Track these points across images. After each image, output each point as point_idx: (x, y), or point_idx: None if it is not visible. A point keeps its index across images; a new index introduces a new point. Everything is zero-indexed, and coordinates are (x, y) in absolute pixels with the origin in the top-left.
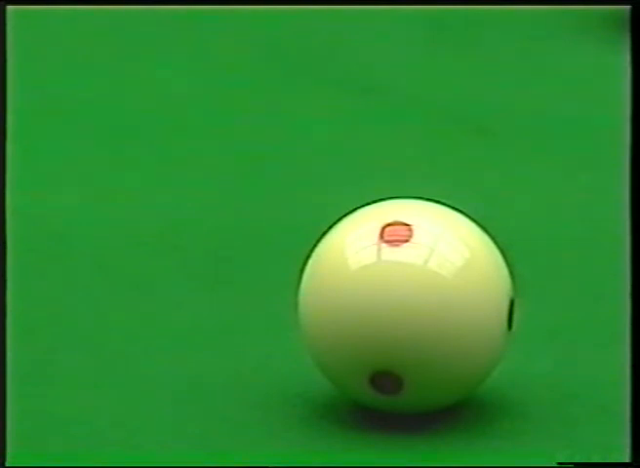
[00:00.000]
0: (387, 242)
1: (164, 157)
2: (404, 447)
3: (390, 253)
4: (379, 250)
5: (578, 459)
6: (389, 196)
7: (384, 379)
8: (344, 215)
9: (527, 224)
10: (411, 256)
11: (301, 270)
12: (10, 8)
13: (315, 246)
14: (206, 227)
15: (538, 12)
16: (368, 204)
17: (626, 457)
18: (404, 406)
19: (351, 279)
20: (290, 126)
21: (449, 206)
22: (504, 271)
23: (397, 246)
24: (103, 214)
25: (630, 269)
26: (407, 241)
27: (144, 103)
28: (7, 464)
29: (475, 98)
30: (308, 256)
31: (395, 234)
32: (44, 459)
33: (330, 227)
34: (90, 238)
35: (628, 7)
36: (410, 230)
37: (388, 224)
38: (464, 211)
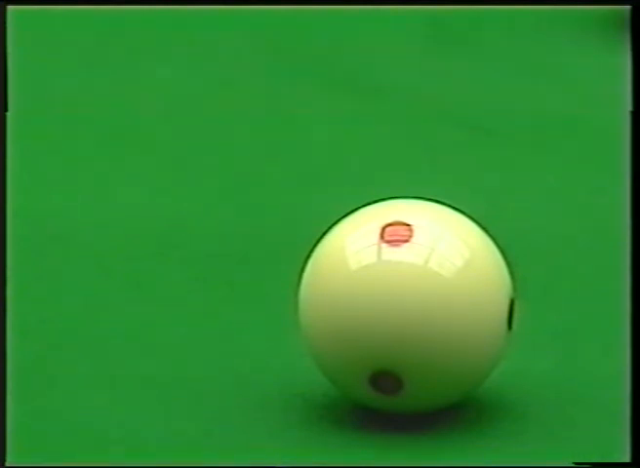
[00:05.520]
0: (388, 242)
1: (164, 157)
2: (404, 447)
3: (390, 253)
4: (379, 250)
5: (578, 459)
6: (389, 196)
7: (384, 379)
8: (344, 215)
9: (527, 224)
10: (411, 256)
11: (301, 270)
12: (10, 8)
13: (315, 246)
14: (206, 227)
15: (538, 12)
16: (368, 204)
17: (626, 457)
18: (404, 406)
19: (351, 279)
20: (290, 126)
21: (449, 206)
22: (504, 271)
23: (397, 246)
24: (104, 214)
25: (630, 269)
26: (407, 241)
27: (144, 103)
28: (7, 464)
29: (475, 98)
30: (308, 256)
31: (395, 234)
32: (44, 459)
33: (330, 227)
34: (90, 238)
35: (628, 7)
36: (410, 230)
37: (389, 224)
38: (464, 211)
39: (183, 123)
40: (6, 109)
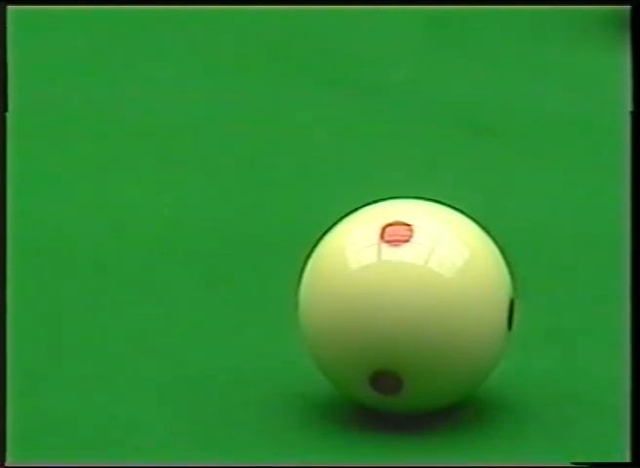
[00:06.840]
0: (388, 242)
1: (164, 157)
2: (404, 447)
3: (390, 253)
4: (379, 250)
5: (577, 459)
6: (389, 196)
7: (384, 379)
8: (344, 215)
9: (527, 224)
10: (411, 256)
11: (301, 270)
12: (10, 8)
13: (315, 246)
14: (206, 227)
15: (538, 12)
16: (368, 204)
17: (626, 457)
18: (404, 406)
19: (351, 279)
20: (290, 126)
21: (449, 206)
22: (504, 271)
23: (397, 246)
24: (103, 213)
25: (630, 269)
26: (407, 241)
27: (144, 103)
28: (7, 464)
29: (475, 98)
30: (308, 256)
31: (396, 234)
32: (44, 459)
33: (330, 227)
34: (89, 238)
35: (628, 7)
36: (410, 230)
37: (389, 224)
38: (464, 211)
39: (183, 123)
40: (6, 109)
